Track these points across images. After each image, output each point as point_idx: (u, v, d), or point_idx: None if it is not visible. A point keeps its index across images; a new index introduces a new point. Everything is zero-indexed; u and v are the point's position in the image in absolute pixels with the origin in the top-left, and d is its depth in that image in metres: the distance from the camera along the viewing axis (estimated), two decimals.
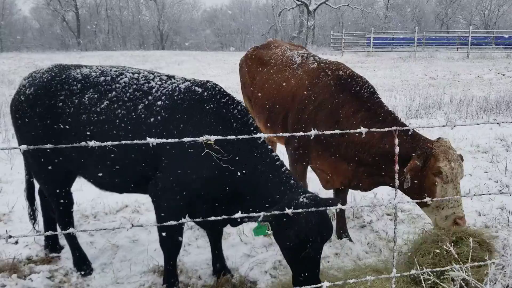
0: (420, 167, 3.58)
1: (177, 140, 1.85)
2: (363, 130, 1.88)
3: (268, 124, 4.83)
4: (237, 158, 3.17)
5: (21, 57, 30.50)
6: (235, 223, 3.53)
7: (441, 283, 3.01)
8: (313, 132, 1.90)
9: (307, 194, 3.04)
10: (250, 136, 1.90)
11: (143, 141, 1.65)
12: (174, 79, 3.55)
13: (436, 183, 3.58)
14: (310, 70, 4.51)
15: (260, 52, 5.57)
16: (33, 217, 4.36)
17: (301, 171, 4.42)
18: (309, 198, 2.97)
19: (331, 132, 2.02)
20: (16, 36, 59.76)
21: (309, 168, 4.55)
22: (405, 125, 3.90)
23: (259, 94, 5.00)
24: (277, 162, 3.24)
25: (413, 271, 2.15)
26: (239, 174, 3.20)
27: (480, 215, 5.14)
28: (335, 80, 4.21)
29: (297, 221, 2.85)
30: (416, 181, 3.64)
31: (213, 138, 1.81)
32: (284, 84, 4.66)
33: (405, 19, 59.73)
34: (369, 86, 4.14)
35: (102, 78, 3.54)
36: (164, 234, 3.45)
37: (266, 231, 3.05)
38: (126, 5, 65.60)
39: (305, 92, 4.32)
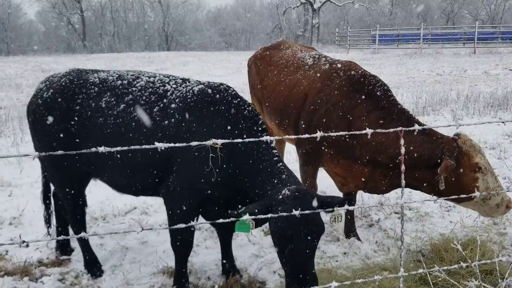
0: (454, 166, 3.50)
1: (184, 144, 1.87)
2: (369, 131, 1.89)
3: (279, 126, 4.80)
4: (244, 157, 3.21)
5: (28, 61, 30.75)
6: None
7: (452, 280, 3.02)
8: (319, 134, 1.91)
9: (291, 186, 2.86)
10: (257, 139, 1.92)
11: (151, 146, 1.68)
12: (189, 82, 3.60)
13: (477, 178, 3.54)
14: (322, 71, 4.46)
15: (270, 53, 5.52)
16: (48, 221, 4.39)
17: (311, 173, 4.40)
18: (292, 190, 2.77)
19: (336, 133, 2.03)
20: (23, 40, 60.27)
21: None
22: (420, 123, 3.83)
23: (270, 96, 4.96)
24: (275, 158, 3.21)
25: (420, 270, 2.16)
26: (245, 173, 3.22)
27: None
28: (347, 81, 4.15)
29: (275, 216, 2.60)
30: (452, 181, 3.56)
31: (220, 141, 1.83)
32: (295, 85, 4.62)
33: (410, 16, 59.50)
34: (382, 85, 4.08)
35: (119, 82, 3.60)
36: (175, 235, 3.48)
37: (249, 228, 2.93)
38: (131, 7, 65.91)
39: (317, 94, 4.27)
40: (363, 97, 4.01)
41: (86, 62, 27.25)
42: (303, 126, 4.34)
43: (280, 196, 2.78)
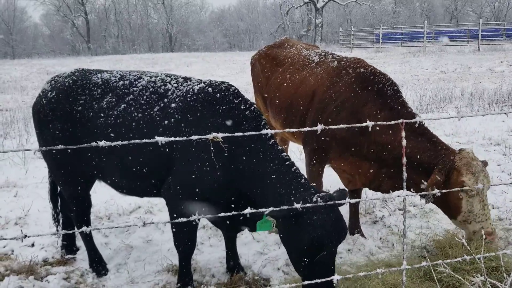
0: (441, 182, 3.46)
1: (184, 138, 1.88)
2: (370, 123, 1.90)
3: (285, 125, 4.74)
4: (246, 159, 3.17)
5: (33, 64, 30.93)
6: (253, 227, 3.55)
7: (457, 275, 3.01)
8: (319, 127, 1.91)
9: (320, 193, 2.91)
10: (257, 133, 1.92)
11: (151, 140, 1.68)
12: (190, 81, 3.56)
13: (461, 197, 3.50)
14: (330, 68, 4.41)
15: (274, 51, 5.48)
16: (56, 220, 4.41)
17: (317, 171, 4.36)
18: (323, 198, 2.82)
19: (336, 126, 2.03)
20: (28, 43, 60.62)
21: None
22: (429, 131, 3.82)
23: (276, 94, 4.91)
24: (287, 162, 3.15)
25: (424, 263, 2.16)
26: (249, 175, 3.18)
27: (493, 208, 5.10)
28: (356, 78, 4.09)
29: (311, 221, 2.71)
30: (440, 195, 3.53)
31: (220, 135, 1.84)
32: (302, 83, 4.57)
33: (414, 14, 59.38)
34: (392, 84, 4.03)
35: (121, 82, 3.60)
36: (178, 234, 3.48)
37: (271, 226, 2.99)
38: (135, 9, 66.12)
39: (326, 91, 4.22)
40: (373, 95, 3.96)
41: (90, 64, 27.36)
42: (311, 124, 4.27)
43: (309, 204, 2.78)
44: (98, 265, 4.05)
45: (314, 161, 4.34)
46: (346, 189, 3.08)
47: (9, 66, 28.85)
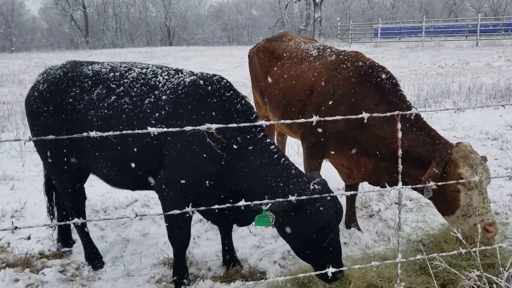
0: (439, 174, 3.41)
1: (178, 129, 1.87)
2: (365, 115, 1.89)
3: (284, 118, 4.68)
4: (237, 152, 3.15)
5: (31, 57, 30.82)
6: (243, 223, 3.58)
7: (453, 269, 3.01)
8: (314, 118, 1.90)
9: (315, 179, 3.00)
10: (251, 124, 1.91)
11: (143, 131, 1.67)
12: (182, 73, 3.52)
13: (459, 190, 3.43)
14: (328, 62, 4.37)
15: (272, 44, 5.43)
16: (51, 213, 4.41)
17: (315, 166, 4.33)
18: (320, 184, 2.97)
19: (333, 118, 2.02)
20: (26, 37, 60.41)
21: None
22: (427, 125, 3.80)
23: (274, 88, 4.88)
24: (275, 155, 3.16)
25: (419, 256, 2.15)
26: (239, 169, 3.18)
27: (490, 203, 5.11)
28: (355, 72, 4.06)
29: (315, 208, 2.83)
30: (437, 189, 3.38)
31: (214, 126, 1.83)
32: (301, 77, 4.54)
33: (412, 9, 59.21)
34: (391, 77, 3.99)
35: (112, 74, 3.57)
36: (171, 228, 3.47)
37: (269, 221, 3.01)
38: (133, 3, 65.81)
39: (324, 86, 4.19)
40: (372, 89, 3.94)
41: (88, 58, 27.22)
42: (309, 117, 4.25)
43: (311, 191, 2.92)
44: (94, 258, 4.05)
45: (312, 156, 4.32)
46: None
47: (7, 60, 28.76)
